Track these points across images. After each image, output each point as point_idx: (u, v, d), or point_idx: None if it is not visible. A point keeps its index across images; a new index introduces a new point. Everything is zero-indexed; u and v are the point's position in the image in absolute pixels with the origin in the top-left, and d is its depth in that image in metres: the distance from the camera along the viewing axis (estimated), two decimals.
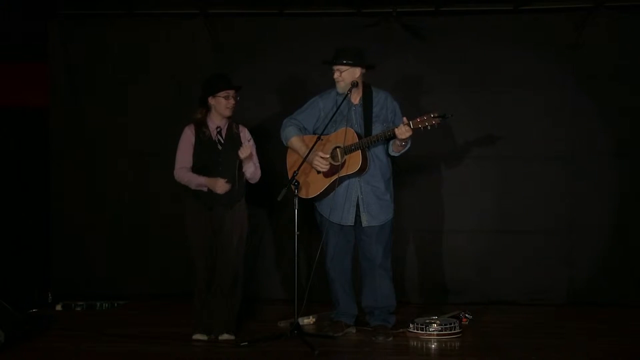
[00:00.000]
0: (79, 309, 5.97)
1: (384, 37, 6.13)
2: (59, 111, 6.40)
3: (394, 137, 4.80)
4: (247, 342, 4.74)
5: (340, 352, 4.70)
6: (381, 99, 5.02)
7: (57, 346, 4.82)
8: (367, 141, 4.85)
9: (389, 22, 6.13)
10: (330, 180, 4.94)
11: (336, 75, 4.93)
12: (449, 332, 4.93)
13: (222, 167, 4.92)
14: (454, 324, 4.98)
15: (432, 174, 6.20)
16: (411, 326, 5.02)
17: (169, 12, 6.31)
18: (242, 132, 5.04)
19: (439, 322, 4.97)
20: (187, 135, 4.97)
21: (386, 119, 4.99)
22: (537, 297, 6.08)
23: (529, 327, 5.34)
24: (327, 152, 4.95)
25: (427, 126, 4.70)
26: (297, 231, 4.80)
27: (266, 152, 5.31)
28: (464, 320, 5.30)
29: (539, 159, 6.11)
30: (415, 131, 4.73)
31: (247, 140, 5.01)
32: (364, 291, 5.08)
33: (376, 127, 4.94)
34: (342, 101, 4.89)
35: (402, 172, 5.64)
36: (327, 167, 4.93)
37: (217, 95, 4.92)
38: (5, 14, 6.03)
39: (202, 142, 4.94)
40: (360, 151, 4.86)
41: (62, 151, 6.40)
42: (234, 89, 4.95)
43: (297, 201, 4.80)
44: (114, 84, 6.35)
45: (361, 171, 4.89)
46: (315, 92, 5.21)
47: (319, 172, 4.97)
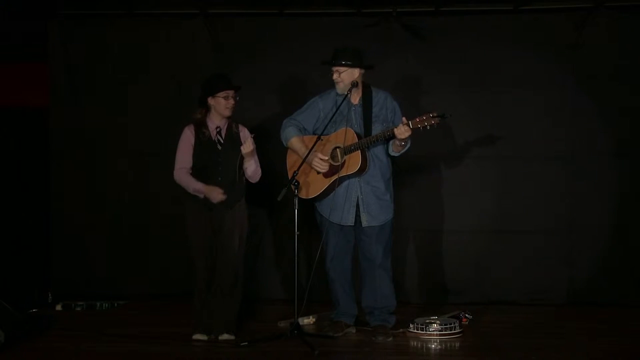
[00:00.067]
0: (79, 309, 5.97)
1: (384, 37, 6.13)
2: (59, 111, 6.40)
3: (393, 137, 4.79)
4: (247, 342, 4.74)
5: (340, 352, 4.70)
6: (381, 98, 5.01)
7: (57, 346, 4.82)
8: (366, 141, 4.85)
9: (389, 22, 6.13)
10: (330, 180, 4.94)
11: (335, 76, 4.92)
12: (449, 332, 4.93)
13: (222, 167, 4.91)
14: (454, 324, 4.98)
15: (432, 174, 6.20)
16: (411, 326, 5.02)
17: (169, 12, 6.31)
18: (241, 131, 5.03)
19: (439, 322, 4.97)
20: (187, 135, 4.96)
21: (386, 118, 4.98)
22: (537, 297, 6.08)
23: (529, 327, 5.34)
24: (327, 153, 4.94)
25: (427, 126, 4.70)
26: (297, 231, 4.80)
27: (266, 152, 5.30)
28: (464, 320, 5.30)
29: (539, 159, 6.11)
30: (414, 131, 4.73)
31: (248, 137, 4.94)
32: (364, 291, 5.08)
33: (376, 127, 4.93)
34: (342, 102, 4.89)
35: (402, 172, 5.63)
36: (327, 168, 4.93)
37: (217, 95, 4.91)
38: (5, 14, 6.03)
39: (202, 143, 4.93)
40: (359, 151, 4.85)
41: (62, 151, 6.40)
42: (234, 89, 4.94)
43: (297, 201, 4.79)
44: (114, 84, 6.36)
45: (361, 171, 4.89)
46: (315, 92, 5.21)
47: (318, 172, 4.96)
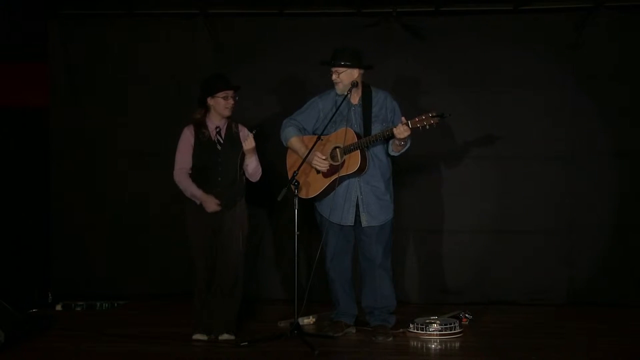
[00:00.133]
0: (79, 309, 5.97)
1: (384, 37, 6.13)
2: (59, 111, 6.40)
3: (392, 136, 4.79)
4: (247, 342, 4.74)
5: (340, 352, 4.69)
6: (380, 98, 5.01)
7: (57, 346, 4.82)
8: (366, 141, 4.85)
9: (389, 22, 6.13)
10: (330, 180, 4.94)
11: (334, 77, 4.91)
12: (449, 332, 4.93)
13: (221, 167, 4.92)
14: (454, 324, 4.98)
15: (432, 174, 6.20)
16: (411, 326, 5.02)
17: (169, 12, 6.31)
18: (241, 131, 5.02)
19: (439, 322, 4.97)
20: (186, 136, 4.96)
21: (385, 118, 4.98)
22: (537, 297, 6.08)
23: (529, 327, 5.34)
24: (327, 153, 4.94)
25: (426, 126, 4.70)
26: (297, 231, 4.80)
27: (266, 152, 5.31)
28: (464, 320, 5.30)
29: (539, 159, 6.11)
30: (413, 131, 4.72)
31: (249, 134, 4.91)
32: (363, 291, 5.08)
33: (375, 127, 4.93)
34: (341, 102, 4.89)
35: (402, 172, 5.64)
36: (327, 166, 4.92)
37: (216, 95, 4.91)
38: (5, 14, 6.03)
39: (202, 143, 4.93)
40: (359, 151, 4.85)
41: (62, 151, 6.40)
42: (233, 89, 4.94)
43: (297, 201, 4.79)
44: (114, 84, 6.35)
45: (360, 171, 4.89)
46: (314, 92, 5.21)
47: (318, 172, 4.96)
